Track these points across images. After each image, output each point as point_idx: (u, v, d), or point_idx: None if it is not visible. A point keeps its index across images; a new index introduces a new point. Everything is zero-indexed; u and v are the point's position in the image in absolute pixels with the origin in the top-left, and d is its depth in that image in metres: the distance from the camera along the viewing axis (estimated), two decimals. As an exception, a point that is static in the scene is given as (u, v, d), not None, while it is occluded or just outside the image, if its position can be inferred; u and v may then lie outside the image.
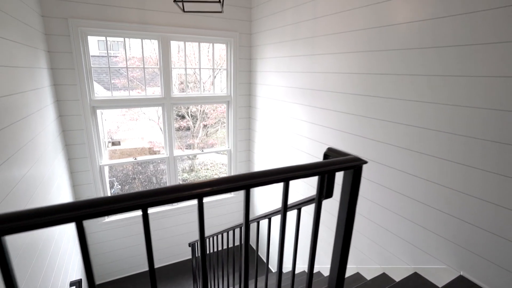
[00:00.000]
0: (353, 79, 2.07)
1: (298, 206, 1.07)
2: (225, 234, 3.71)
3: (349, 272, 2.28)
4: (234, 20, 3.38)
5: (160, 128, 7.90)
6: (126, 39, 3.16)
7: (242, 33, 3.47)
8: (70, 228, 2.67)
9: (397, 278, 1.81)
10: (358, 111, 2.05)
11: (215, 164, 8.55)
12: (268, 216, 1.41)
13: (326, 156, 0.73)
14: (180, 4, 1.77)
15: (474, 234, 1.45)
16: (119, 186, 7.75)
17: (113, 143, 8.63)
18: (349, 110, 2.14)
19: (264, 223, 3.44)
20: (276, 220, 2.90)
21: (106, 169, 3.29)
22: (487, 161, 1.35)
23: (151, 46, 6.95)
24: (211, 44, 3.55)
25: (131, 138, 8.63)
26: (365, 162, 0.66)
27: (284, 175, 0.59)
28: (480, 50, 1.33)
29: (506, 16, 1.22)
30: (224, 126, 8.67)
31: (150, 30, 3.00)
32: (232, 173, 4.06)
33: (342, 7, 2.08)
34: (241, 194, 4.07)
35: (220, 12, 1.89)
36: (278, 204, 3.08)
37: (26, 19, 2.05)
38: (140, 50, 3.23)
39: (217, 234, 2.33)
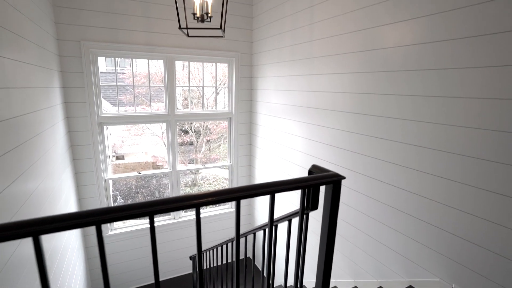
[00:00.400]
0: (346, 98, 2.19)
1: (288, 217, 1.15)
2: (224, 247, 3.74)
3: (346, 286, 2.31)
4: (236, 41, 3.56)
5: (164, 143, 8.04)
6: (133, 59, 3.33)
7: (243, 53, 3.64)
8: (75, 240, 2.75)
9: (391, 290, 1.85)
10: (351, 128, 2.16)
11: (217, 178, 8.62)
12: (263, 227, 1.49)
13: (310, 172, 0.83)
14: (184, 30, 1.92)
15: (465, 248, 1.51)
16: (122, 200, 7.83)
17: (117, 157, 8.77)
18: (342, 127, 2.24)
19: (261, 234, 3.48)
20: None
21: (110, 183, 3.39)
22: (478, 178, 1.44)
23: (156, 64, 7.21)
24: (214, 63, 3.72)
25: (134, 152, 8.77)
26: (343, 178, 0.76)
27: (270, 189, 0.69)
28: (458, 74, 1.45)
29: (484, 42, 1.34)
30: (226, 141, 8.78)
31: (156, 51, 3.18)
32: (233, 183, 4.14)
33: (336, 31, 2.23)
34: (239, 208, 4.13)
35: (222, 37, 2.04)
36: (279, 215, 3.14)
37: (43, 43, 2.22)
38: (144, 66, 3.40)
39: (216, 247, 2.39)
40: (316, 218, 2.35)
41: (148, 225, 2.95)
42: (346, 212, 2.28)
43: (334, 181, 0.75)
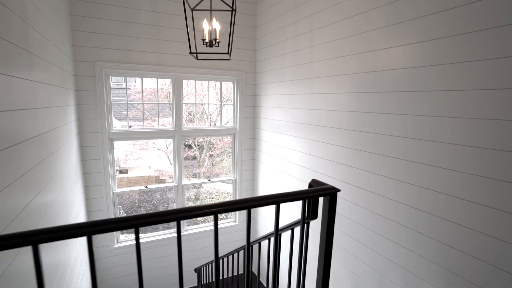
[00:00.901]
0: (343, 116, 2.33)
1: (291, 226, 1.26)
2: (230, 258, 3.79)
3: (348, 299, 2.37)
4: (240, 61, 3.75)
5: (168, 157, 8.18)
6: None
7: (247, 72, 3.83)
8: (84, 252, 2.83)
9: (391, 302, 1.92)
10: (348, 144, 2.28)
11: (219, 193, 8.69)
12: (268, 236, 1.59)
13: (310, 185, 0.95)
14: (194, 54, 2.09)
15: (460, 259, 1.59)
16: (125, 214, 7.88)
17: (121, 171, 8.90)
18: (339, 142, 2.37)
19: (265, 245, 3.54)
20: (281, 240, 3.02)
21: (116, 196, 3.50)
22: (477, 193, 1.55)
23: (162, 80, 7.44)
24: (219, 81, 3.90)
25: (138, 166, 8.90)
26: (338, 190, 0.88)
27: (277, 199, 0.81)
28: (445, 96, 1.58)
29: (469, 67, 1.49)
30: (229, 156, 8.91)
31: (165, 71, 3.36)
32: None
33: (335, 54, 2.40)
34: (243, 223, 4.20)
35: (228, 60, 2.21)
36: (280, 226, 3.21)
37: (62, 64, 2.40)
38: (149, 83, 3.57)
39: (222, 257, 2.47)
40: (315, 229, 2.43)
41: (155, 238, 3.04)
42: (347, 226, 2.37)
43: (330, 193, 0.87)
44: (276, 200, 0.81)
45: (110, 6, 3.02)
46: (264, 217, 3.89)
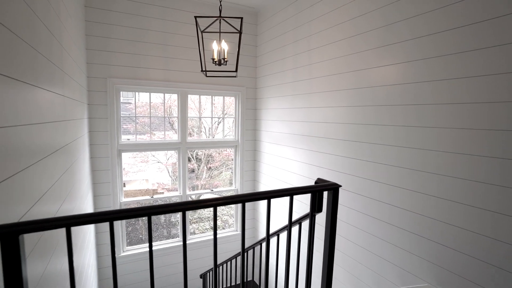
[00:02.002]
0: (339, 127, 2.54)
1: (299, 221, 1.43)
2: (230, 264, 3.89)
3: (348, 300, 2.50)
4: (242, 78, 3.99)
5: (168, 170, 8.29)
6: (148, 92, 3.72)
7: (248, 87, 4.06)
8: (93, 259, 2.93)
9: (388, 299, 2.06)
10: (347, 154, 2.48)
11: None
12: (279, 232, 1.75)
13: (316, 183, 1.13)
14: (204, 72, 2.30)
15: (451, 256, 1.75)
16: (129, 227, 7.88)
17: (120, 185, 8.94)
18: (336, 152, 2.57)
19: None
20: (281, 246, 3.16)
21: (123, 206, 3.62)
22: (475, 198, 1.74)
23: (158, 95, 7.66)
24: (222, 96, 4.12)
25: (136, 180, 8.97)
26: (340, 186, 1.07)
27: (289, 192, 0.99)
28: (434, 109, 1.80)
29: (459, 84, 1.71)
30: (228, 169, 9.01)
31: (172, 86, 3.58)
32: (238, 212, 4.36)
33: (333, 71, 2.63)
34: (245, 231, 4.31)
35: (235, 77, 2.43)
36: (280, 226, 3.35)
37: (81, 81, 2.59)
38: (152, 98, 3.77)
39: (222, 264, 2.59)
40: (318, 226, 2.59)
41: (161, 247, 3.13)
42: (346, 230, 2.53)
43: (333, 188, 1.06)
44: (290, 192, 0.99)
45: (122, 27, 3.26)
46: (264, 216, 4.02)
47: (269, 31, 3.71)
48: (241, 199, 0.92)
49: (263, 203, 4.13)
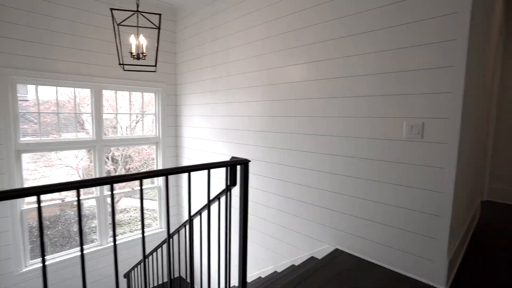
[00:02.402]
0: (256, 120, 2.85)
1: (218, 196, 1.63)
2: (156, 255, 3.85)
3: (268, 273, 2.82)
4: (162, 74, 3.97)
5: (79, 174, 7.46)
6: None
7: (169, 84, 4.07)
8: None
9: (298, 263, 2.45)
10: (263, 143, 2.80)
11: (138, 208, 8.30)
12: (200, 212, 1.90)
13: (230, 160, 1.34)
14: (122, 66, 2.29)
15: (345, 219, 2.19)
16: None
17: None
18: (255, 143, 2.87)
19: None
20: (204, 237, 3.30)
21: (24, 214, 3.20)
22: (356, 171, 2.19)
23: (68, 90, 6.86)
24: (141, 92, 4.02)
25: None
26: (249, 161, 1.30)
27: (206, 166, 1.18)
28: (338, 101, 2.23)
29: (357, 81, 2.15)
30: (149, 168, 8.63)
31: (84, 80, 3.33)
32: (162, 209, 4.32)
33: (246, 69, 2.91)
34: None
35: (154, 72, 2.47)
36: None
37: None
38: (52, 94, 3.46)
39: (149, 255, 2.61)
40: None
41: (62, 258, 2.88)
42: (266, 212, 2.85)
43: (244, 163, 1.29)
44: (207, 166, 1.18)
45: (19, 10, 2.89)
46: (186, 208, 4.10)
47: (188, 29, 3.80)
48: (165, 173, 1.06)
49: (185, 185, 4.20)
